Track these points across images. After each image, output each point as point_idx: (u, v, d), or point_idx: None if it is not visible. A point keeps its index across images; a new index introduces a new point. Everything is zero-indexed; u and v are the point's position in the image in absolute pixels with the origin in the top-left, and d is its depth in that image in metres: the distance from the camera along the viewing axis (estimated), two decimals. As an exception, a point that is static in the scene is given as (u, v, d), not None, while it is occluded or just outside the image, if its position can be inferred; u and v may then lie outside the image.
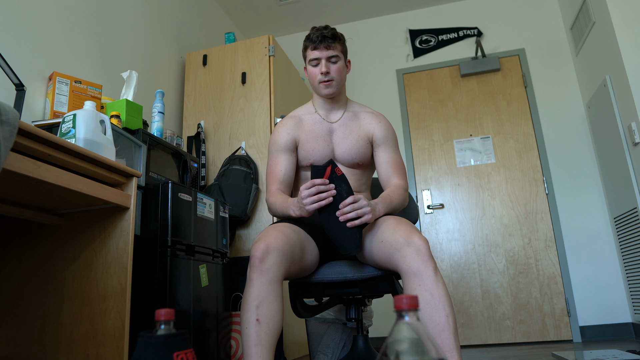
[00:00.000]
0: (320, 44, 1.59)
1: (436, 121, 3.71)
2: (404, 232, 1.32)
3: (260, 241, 1.33)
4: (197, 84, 2.96)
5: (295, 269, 1.39)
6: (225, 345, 1.99)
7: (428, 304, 1.22)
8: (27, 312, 1.43)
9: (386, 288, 1.48)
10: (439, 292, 1.22)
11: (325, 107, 1.69)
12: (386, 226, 1.38)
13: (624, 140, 2.82)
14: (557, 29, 3.63)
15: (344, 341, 2.25)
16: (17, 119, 0.96)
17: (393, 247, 1.31)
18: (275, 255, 1.30)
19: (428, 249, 1.29)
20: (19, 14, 1.85)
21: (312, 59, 1.62)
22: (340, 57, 1.63)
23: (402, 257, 1.28)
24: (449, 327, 1.19)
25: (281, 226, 1.42)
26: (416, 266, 1.25)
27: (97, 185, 1.29)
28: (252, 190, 2.52)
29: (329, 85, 1.62)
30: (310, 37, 1.62)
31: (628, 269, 2.97)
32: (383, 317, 3.40)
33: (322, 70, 1.60)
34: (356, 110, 1.72)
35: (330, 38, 1.60)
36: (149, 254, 1.69)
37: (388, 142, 1.67)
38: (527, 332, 3.15)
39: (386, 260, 1.35)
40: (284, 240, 1.34)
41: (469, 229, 3.43)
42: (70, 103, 1.88)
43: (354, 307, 1.66)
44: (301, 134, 1.66)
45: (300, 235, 1.44)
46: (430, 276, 1.24)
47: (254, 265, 1.29)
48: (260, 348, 1.21)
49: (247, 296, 1.28)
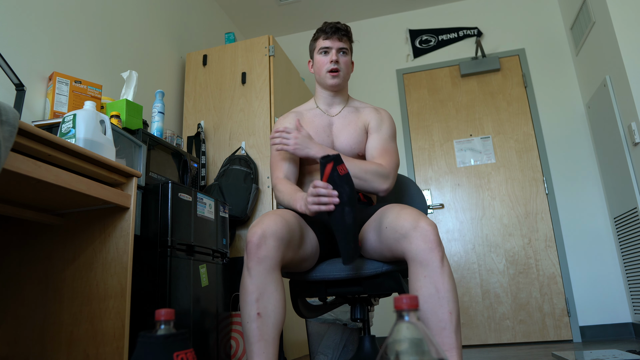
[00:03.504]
0: (334, 35, 1.61)
1: (436, 121, 3.71)
2: (410, 216, 1.24)
3: (256, 226, 1.26)
4: (197, 84, 2.96)
5: (294, 257, 1.33)
6: (225, 345, 1.99)
7: (432, 298, 1.16)
8: (27, 312, 1.43)
9: (392, 286, 1.41)
10: (445, 285, 1.16)
11: (326, 101, 1.69)
12: (390, 211, 1.31)
13: (624, 140, 2.82)
14: (557, 29, 3.63)
15: (344, 341, 2.25)
16: (17, 119, 0.96)
17: (398, 232, 1.24)
18: (273, 240, 1.23)
19: (436, 234, 1.21)
20: (19, 14, 1.85)
21: (322, 47, 1.62)
22: (348, 52, 1.65)
23: (409, 243, 1.21)
24: (451, 325, 1.14)
25: (281, 210, 1.36)
26: (423, 255, 1.18)
27: (97, 185, 1.29)
28: (252, 190, 2.52)
29: (336, 76, 1.61)
30: (322, 28, 1.64)
31: (628, 269, 2.97)
32: (383, 317, 3.40)
33: (333, 59, 1.60)
34: (357, 106, 1.72)
35: (343, 30, 1.62)
36: (149, 254, 1.69)
37: (381, 130, 1.63)
38: (527, 332, 3.15)
39: (392, 248, 1.27)
40: (283, 223, 1.27)
41: (469, 229, 3.43)
42: (70, 103, 1.88)
43: (359, 307, 1.59)
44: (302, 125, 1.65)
45: (300, 222, 1.39)
46: (437, 267, 1.17)
47: (250, 252, 1.22)
48: (263, 343, 1.17)
49: (246, 288, 1.22)
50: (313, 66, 1.70)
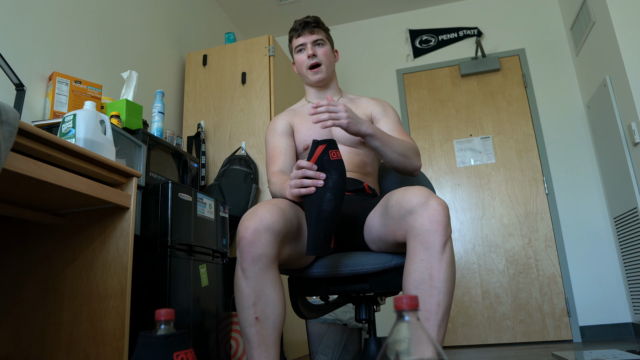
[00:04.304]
0: (304, 30, 1.57)
1: (436, 121, 3.71)
2: (420, 192, 1.13)
3: (249, 219, 1.13)
4: (197, 84, 2.96)
5: (292, 252, 1.22)
6: (225, 345, 1.99)
7: (423, 285, 1.06)
8: (27, 312, 1.43)
9: (400, 283, 1.28)
10: (440, 274, 1.06)
11: (317, 96, 1.64)
12: (398, 190, 1.20)
13: (624, 140, 2.82)
14: (557, 29, 3.63)
15: (344, 341, 2.25)
16: (17, 119, 0.96)
17: (404, 207, 1.12)
18: (269, 234, 1.11)
19: (445, 216, 1.09)
20: (19, 14, 1.85)
21: (297, 45, 1.59)
22: (325, 42, 1.60)
23: (413, 219, 1.09)
24: (436, 318, 1.05)
25: (276, 200, 1.24)
26: (425, 235, 1.07)
27: (97, 185, 1.29)
28: (252, 190, 2.52)
29: (317, 71, 1.58)
30: (293, 27, 1.60)
31: (628, 269, 2.97)
32: (383, 317, 3.40)
33: (309, 54, 1.56)
34: (352, 97, 1.67)
35: (313, 23, 1.58)
36: (149, 254, 1.69)
37: (388, 115, 1.58)
38: (527, 332, 3.15)
39: (396, 228, 1.15)
40: (279, 214, 1.15)
41: (469, 229, 3.43)
42: (70, 103, 1.88)
43: (365, 307, 1.46)
44: (296, 120, 1.60)
45: (298, 211, 1.27)
46: (436, 252, 1.07)
47: (243, 250, 1.11)
48: (264, 347, 1.10)
49: (241, 291, 1.12)
50: (296, 67, 1.66)
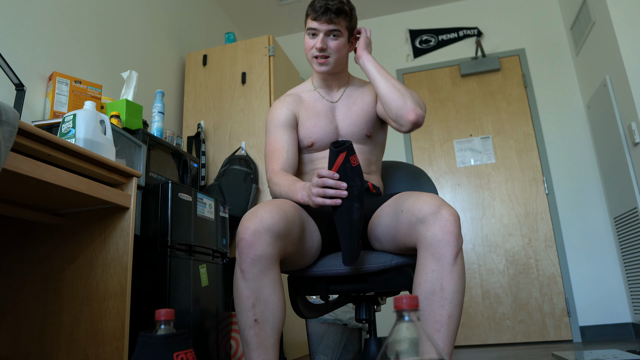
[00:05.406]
0: (322, 16, 1.40)
1: (436, 121, 3.71)
2: (432, 200, 1.12)
3: (249, 219, 1.11)
4: (197, 84, 2.96)
5: (293, 253, 1.21)
6: (225, 345, 1.99)
7: (435, 296, 1.07)
8: (27, 312, 1.42)
9: (401, 283, 1.28)
10: (452, 286, 1.06)
11: (324, 84, 1.55)
12: (410, 195, 1.19)
13: (624, 140, 2.82)
14: (557, 29, 3.63)
15: (344, 341, 2.25)
16: (17, 119, 0.96)
17: (416, 215, 1.12)
18: (269, 236, 1.10)
19: (457, 226, 1.09)
20: (19, 14, 1.85)
21: (309, 28, 1.44)
22: (342, 34, 1.44)
23: (425, 229, 1.09)
24: (447, 330, 1.06)
25: (277, 200, 1.22)
26: (437, 246, 1.08)
27: (97, 185, 1.29)
28: (252, 190, 2.52)
29: (324, 63, 1.45)
30: (313, 4, 1.42)
31: (628, 269, 2.97)
32: (383, 317, 3.40)
33: (317, 46, 1.43)
34: (358, 84, 1.58)
35: (334, 12, 1.40)
36: (149, 254, 1.69)
37: None
38: (527, 332, 3.15)
39: (406, 234, 1.15)
40: (280, 215, 1.14)
41: (469, 229, 3.43)
42: (70, 103, 1.88)
43: (365, 307, 1.46)
44: (301, 110, 1.51)
45: (301, 213, 1.26)
46: (448, 263, 1.07)
47: (243, 252, 1.09)
48: (263, 350, 1.10)
49: (240, 293, 1.11)
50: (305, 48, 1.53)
